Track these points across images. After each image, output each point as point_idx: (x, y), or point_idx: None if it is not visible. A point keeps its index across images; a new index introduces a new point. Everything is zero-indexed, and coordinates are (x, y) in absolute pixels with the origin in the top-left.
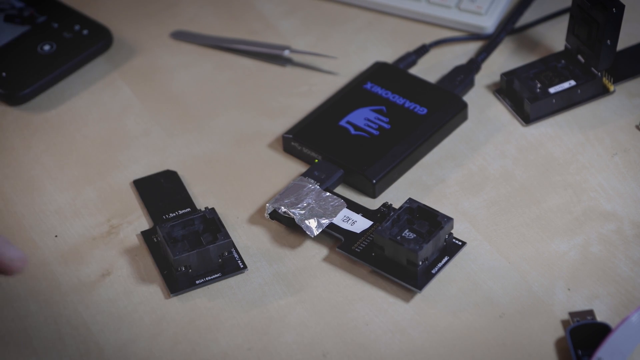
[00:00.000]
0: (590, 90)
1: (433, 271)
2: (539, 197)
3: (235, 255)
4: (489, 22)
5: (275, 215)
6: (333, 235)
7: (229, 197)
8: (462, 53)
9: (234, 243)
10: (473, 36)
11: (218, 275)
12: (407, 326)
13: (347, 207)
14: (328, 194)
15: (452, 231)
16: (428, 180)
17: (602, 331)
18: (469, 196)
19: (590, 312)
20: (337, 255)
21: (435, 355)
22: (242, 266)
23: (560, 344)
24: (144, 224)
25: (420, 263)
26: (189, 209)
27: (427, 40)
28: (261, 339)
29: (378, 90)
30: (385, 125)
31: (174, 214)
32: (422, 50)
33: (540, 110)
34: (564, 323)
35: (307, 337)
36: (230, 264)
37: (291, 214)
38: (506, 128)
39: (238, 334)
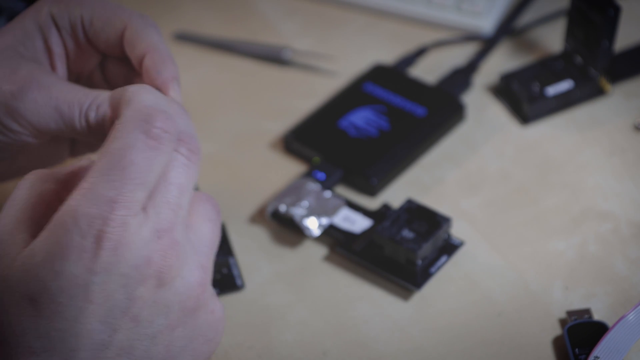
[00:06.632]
0: (588, 91)
1: (432, 270)
2: (536, 197)
3: (235, 272)
4: (487, 24)
5: (275, 215)
6: (333, 235)
7: (229, 197)
8: (461, 54)
9: (234, 259)
10: (471, 37)
11: (217, 290)
12: (406, 324)
13: (347, 207)
14: (328, 193)
15: (450, 231)
16: (427, 181)
17: (599, 330)
18: (468, 196)
19: (588, 311)
20: (337, 255)
21: (434, 353)
22: (239, 284)
23: (557, 342)
24: None
25: (419, 262)
26: None
27: (426, 41)
28: (262, 337)
29: (377, 91)
30: (385, 126)
31: None
32: (421, 51)
33: (538, 111)
34: (562, 321)
35: (307, 336)
36: (227, 281)
37: (291, 214)
38: (504, 129)
39: (238, 333)
